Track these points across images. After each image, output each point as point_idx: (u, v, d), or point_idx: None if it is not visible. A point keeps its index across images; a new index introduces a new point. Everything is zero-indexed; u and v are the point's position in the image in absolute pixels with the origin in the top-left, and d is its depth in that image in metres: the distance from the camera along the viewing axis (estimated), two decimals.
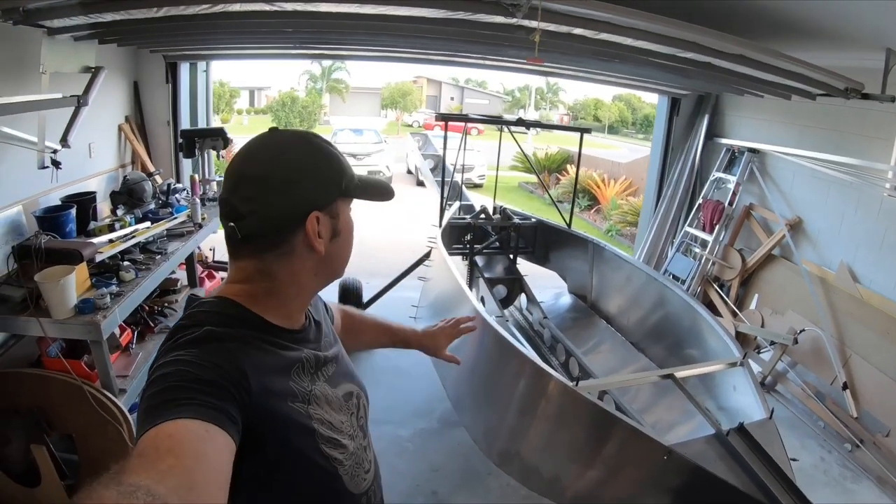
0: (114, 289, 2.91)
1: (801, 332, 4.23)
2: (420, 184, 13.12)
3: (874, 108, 3.73)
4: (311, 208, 0.96)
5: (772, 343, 4.49)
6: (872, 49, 3.22)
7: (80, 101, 3.26)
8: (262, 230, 0.95)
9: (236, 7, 2.95)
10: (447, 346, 1.69)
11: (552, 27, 2.98)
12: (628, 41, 3.14)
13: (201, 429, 0.72)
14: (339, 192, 1.00)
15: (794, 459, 2.01)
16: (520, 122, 5.06)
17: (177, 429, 0.70)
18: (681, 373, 2.43)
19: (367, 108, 38.58)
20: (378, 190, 1.11)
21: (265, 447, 0.87)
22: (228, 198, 0.95)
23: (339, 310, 1.45)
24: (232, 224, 0.94)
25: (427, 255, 4.67)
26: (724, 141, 5.54)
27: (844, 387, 3.91)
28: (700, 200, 5.59)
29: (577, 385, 2.15)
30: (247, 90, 39.12)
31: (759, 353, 4.68)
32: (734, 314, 5.01)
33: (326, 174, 1.00)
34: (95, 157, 4.29)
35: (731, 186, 5.24)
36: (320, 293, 1.16)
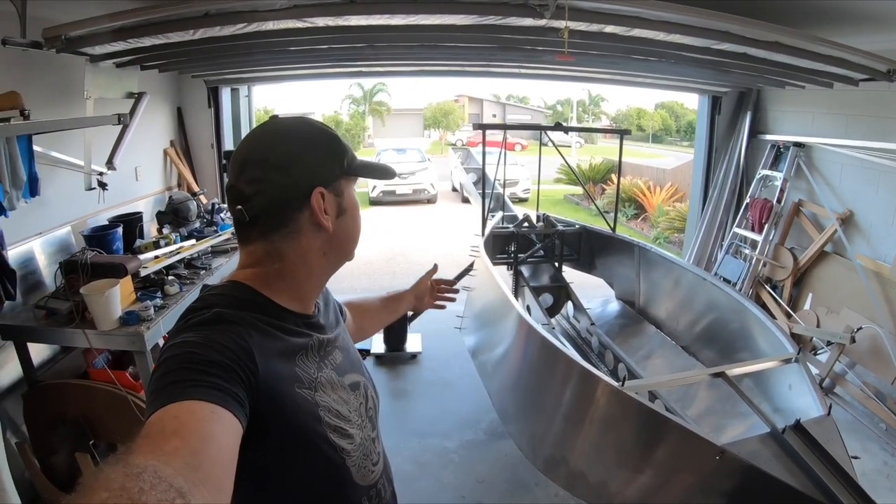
0: (158, 301, 2.98)
1: (858, 329, 4.03)
2: (465, 201, 13.03)
3: None
4: (315, 184, 0.97)
5: (828, 343, 4.30)
6: None
7: (120, 119, 3.35)
8: (268, 210, 0.96)
9: (269, 25, 3.01)
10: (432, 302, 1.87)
11: (582, 26, 2.97)
12: (660, 35, 3.10)
13: (207, 410, 0.71)
14: (341, 170, 1.01)
15: (855, 457, 1.89)
16: (558, 126, 5.03)
17: (182, 410, 0.70)
18: (732, 371, 2.32)
19: (410, 129, 38.80)
20: (379, 170, 1.18)
21: (269, 433, 0.86)
22: (234, 183, 0.97)
23: (346, 304, 1.44)
24: (239, 207, 0.95)
25: (471, 267, 4.62)
26: (768, 137, 5.38)
27: None
28: (747, 200, 5.43)
29: (622, 385, 2.08)
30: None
31: (815, 354, 4.48)
32: (788, 315, 4.82)
33: (328, 152, 1.01)
34: (142, 181, 4.44)
35: (779, 183, 5.07)
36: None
